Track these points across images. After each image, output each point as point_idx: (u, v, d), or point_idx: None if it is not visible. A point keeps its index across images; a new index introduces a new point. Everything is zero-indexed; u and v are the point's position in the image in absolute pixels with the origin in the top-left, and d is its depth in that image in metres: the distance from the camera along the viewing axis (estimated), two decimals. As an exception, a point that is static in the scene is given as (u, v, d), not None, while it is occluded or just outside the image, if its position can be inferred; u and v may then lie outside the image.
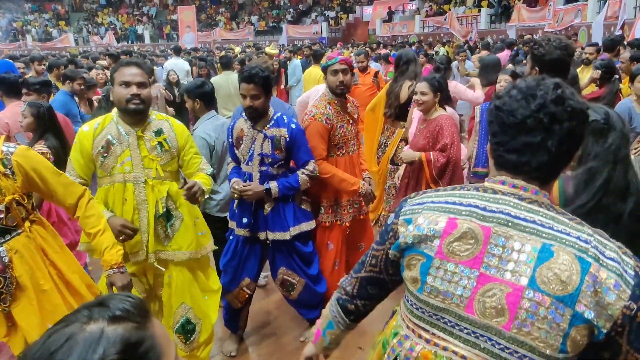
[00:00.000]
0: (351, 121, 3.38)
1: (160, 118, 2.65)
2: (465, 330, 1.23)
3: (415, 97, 3.60)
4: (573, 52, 2.64)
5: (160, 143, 2.58)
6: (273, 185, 3.01)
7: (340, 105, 3.31)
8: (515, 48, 10.99)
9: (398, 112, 4.80)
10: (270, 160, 3.02)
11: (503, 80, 4.07)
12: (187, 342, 2.80)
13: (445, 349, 1.26)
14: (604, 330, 1.10)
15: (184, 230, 2.69)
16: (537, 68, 2.54)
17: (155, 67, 8.60)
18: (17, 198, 2.12)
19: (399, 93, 4.77)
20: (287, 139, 3.01)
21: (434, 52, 13.23)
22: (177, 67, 9.03)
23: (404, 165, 3.88)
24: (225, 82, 6.47)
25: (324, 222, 3.37)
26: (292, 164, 3.17)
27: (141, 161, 2.55)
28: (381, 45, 17.00)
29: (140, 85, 2.49)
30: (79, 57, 12.65)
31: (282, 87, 7.86)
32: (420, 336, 1.32)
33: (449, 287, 1.23)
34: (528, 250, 1.17)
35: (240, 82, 2.93)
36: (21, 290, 2.13)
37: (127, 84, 2.45)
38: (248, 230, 3.09)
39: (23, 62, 8.36)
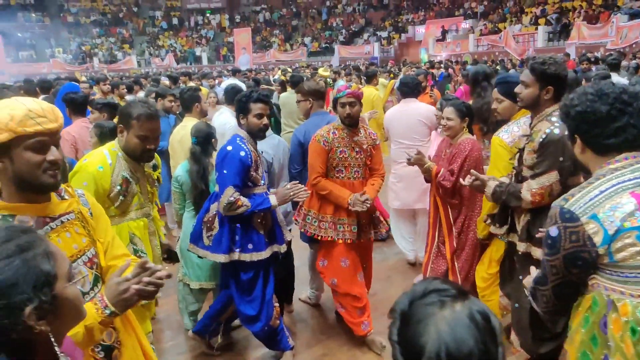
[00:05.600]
0: (357, 149, 3.44)
1: None
2: None
3: (441, 122, 3.53)
4: None
5: (158, 177, 2.71)
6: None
7: (347, 132, 3.42)
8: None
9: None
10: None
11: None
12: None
13: None
14: None
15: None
16: (551, 86, 2.54)
17: (212, 88, 8.86)
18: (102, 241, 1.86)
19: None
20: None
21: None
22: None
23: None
24: (294, 99, 6.52)
25: (331, 237, 3.42)
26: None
27: (147, 196, 2.62)
28: (436, 64, 16.80)
29: (157, 139, 2.52)
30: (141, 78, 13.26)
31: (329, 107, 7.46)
32: None
33: None
34: None
35: (255, 101, 2.99)
36: (123, 347, 1.85)
37: (146, 139, 2.45)
38: (270, 248, 3.16)
39: (88, 82, 8.82)
